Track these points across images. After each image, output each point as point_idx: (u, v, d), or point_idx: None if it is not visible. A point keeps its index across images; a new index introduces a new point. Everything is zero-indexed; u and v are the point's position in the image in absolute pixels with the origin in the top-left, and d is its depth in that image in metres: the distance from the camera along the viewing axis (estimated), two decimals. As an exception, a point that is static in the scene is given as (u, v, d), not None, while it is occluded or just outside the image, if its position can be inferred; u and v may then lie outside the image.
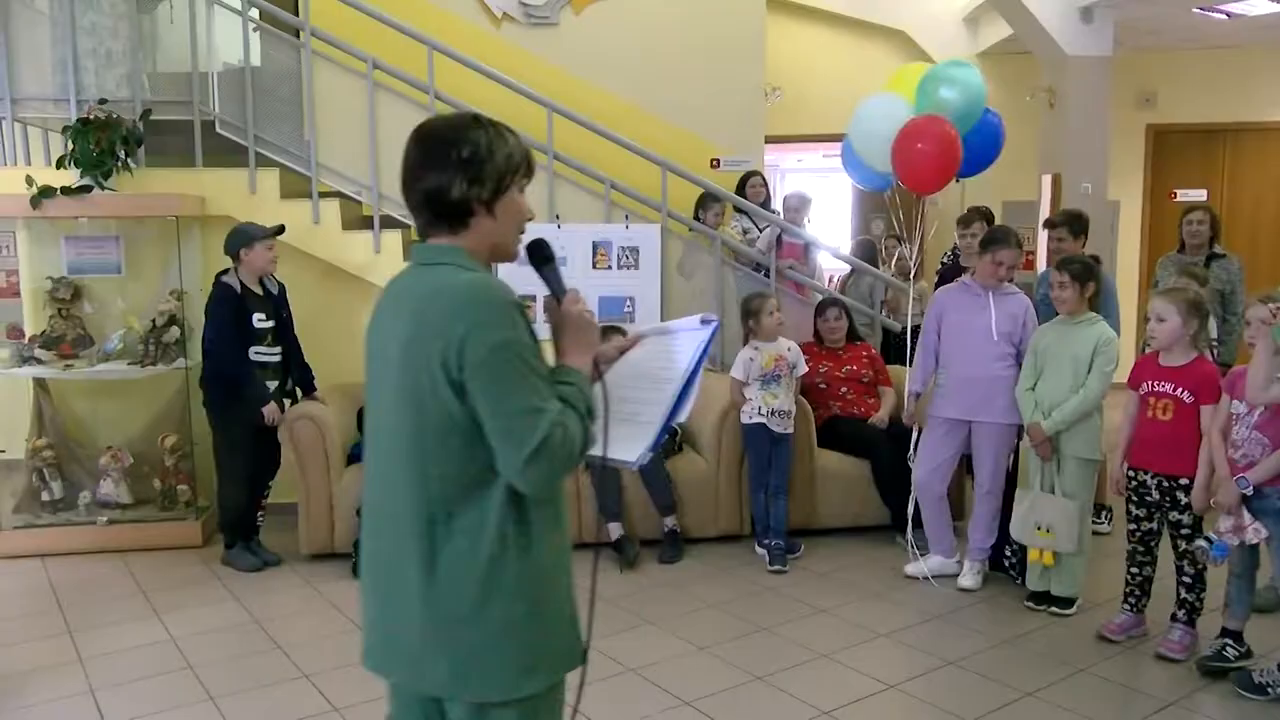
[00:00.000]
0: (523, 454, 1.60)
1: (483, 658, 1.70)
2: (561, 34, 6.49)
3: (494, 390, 1.62)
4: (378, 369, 1.77)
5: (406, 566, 1.70)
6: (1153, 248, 8.98)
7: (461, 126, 1.73)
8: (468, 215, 1.73)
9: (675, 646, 3.79)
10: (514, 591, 1.69)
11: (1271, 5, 7.47)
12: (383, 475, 1.76)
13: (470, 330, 1.62)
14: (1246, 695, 3.32)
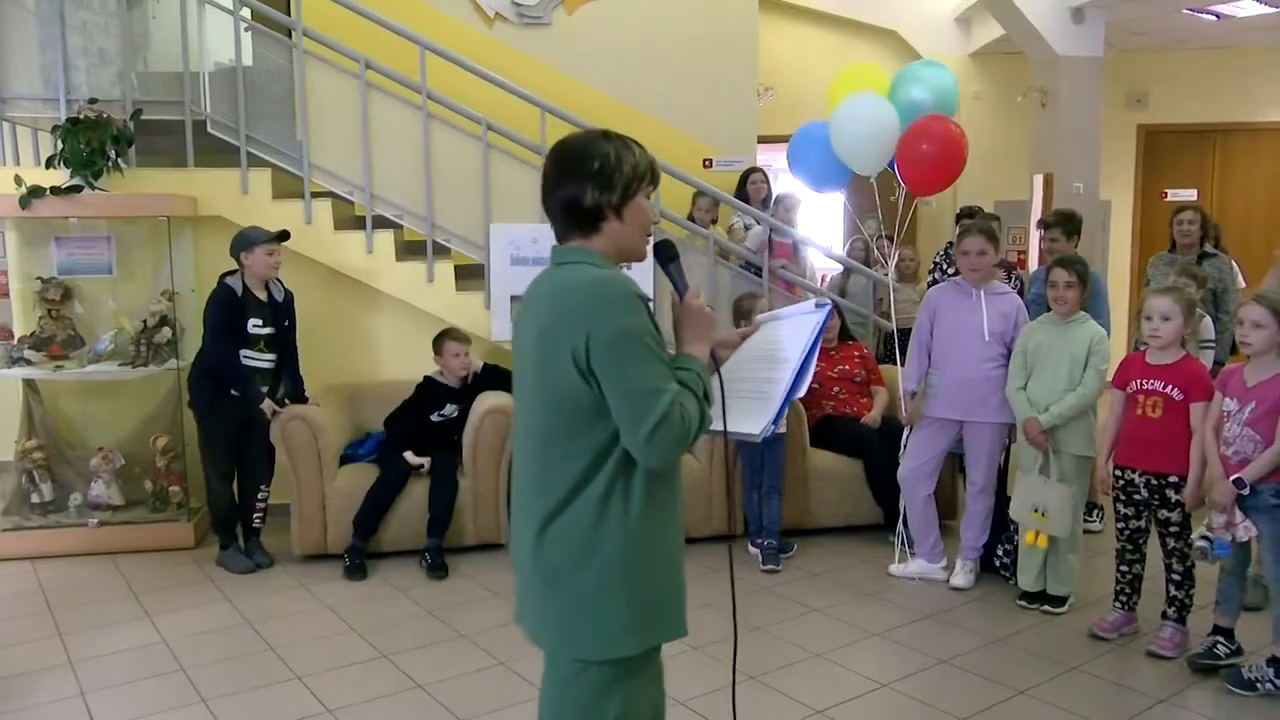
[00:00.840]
0: (644, 430, 1.78)
1: (583, 616, 1.88)
2: (554, 34, 6.50)
3: (619, 373, 1.80)
4: (519, 358, 1.98)
5: (528, 530, 1.91)
6: (1144, 247, 9.02)
7: (592, 141, 1.93)
8: (599, 220, 1.92)
9: (668, 647, 3.76)
10: (614, 555, 1.86)
11: (1260, 7, 7.50)
12: (520, 455, 1.97)
13: (597, 319, 1.80)
14: (1237, 692, 3.33)
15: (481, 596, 4.31)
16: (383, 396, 5.10)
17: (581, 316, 1.81)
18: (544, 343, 1.86)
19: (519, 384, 1.99)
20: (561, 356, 1.82)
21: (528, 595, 1.97)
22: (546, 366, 1.86)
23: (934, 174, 4.60)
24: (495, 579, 4.49)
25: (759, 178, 6.54)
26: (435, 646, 3.80)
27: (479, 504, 4.78)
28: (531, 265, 5.34)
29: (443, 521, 4.63)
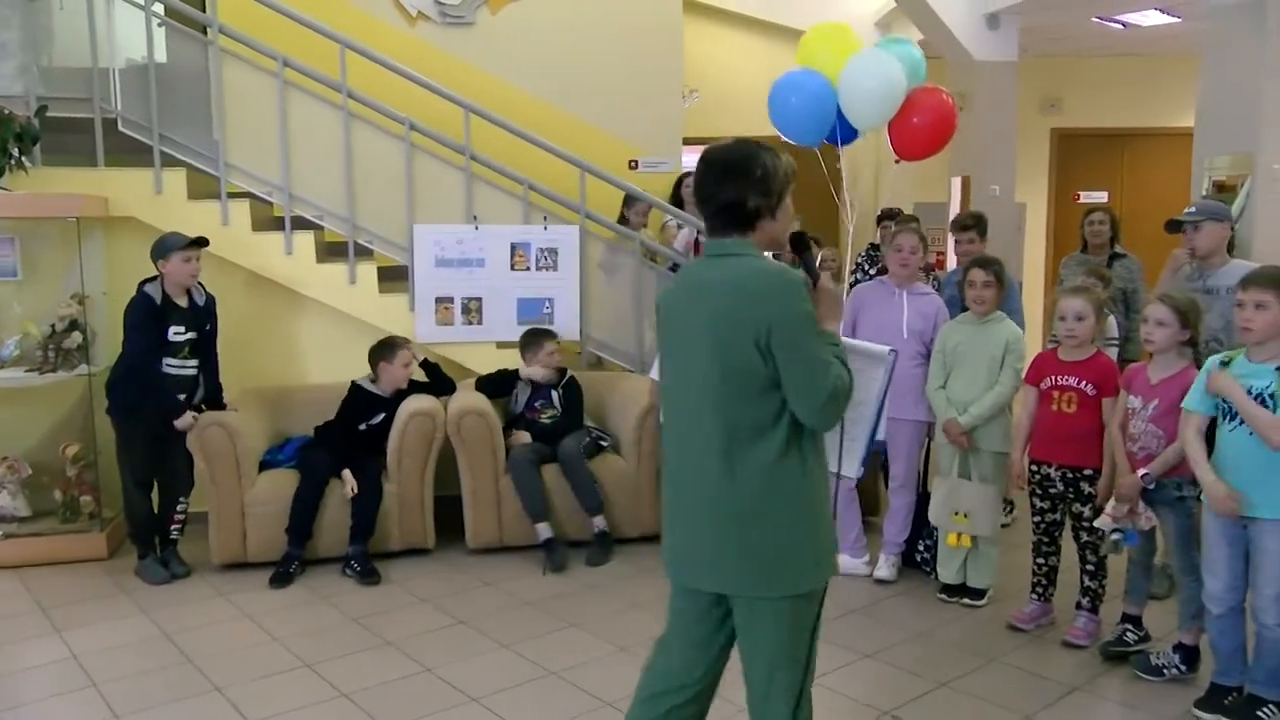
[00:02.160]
0: (820, 398, 2.11)
1: (772, 556, 2.17)
2: (478, 33, 6.44)
3: (796, 350, 2.10)
4: (679, 337, 2.25)
5: (711, 484, 2.17)
6: (1057, 247, 9.28)
7: (749, 153, 2.22)
8: (757, 220, 2.21)
9: (600, 648, 3.79)
10: (796, 500, 2.17)
11: (1163, 17, 7.78)
12: (690, 417, 2.21)
13: (779, 305, 2.10)
14: (1144, 677, 3.45)
15: (408, 602, 4.26)
16: (304, 401, 5.01)
17: (765, 302, 2.10)
18: (724, 323, 2.13)
19: (679, 358, 2.26)
20: (744, 336, 2.10)
21: (714, 548, 2.20)
22: (727, 344, 2.12)
23: (926, 142, 4.78)
24: (423, 584, 4.44)
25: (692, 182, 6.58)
26: (361, 654, 3.74)
27: (404, 509, 4.71)
28: (456, 267, 5.30)
29: (367, 528, 4.56)
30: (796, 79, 4.92)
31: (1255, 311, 3.05)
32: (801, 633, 2.24)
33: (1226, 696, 3.20)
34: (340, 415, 4.78)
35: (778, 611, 2.21)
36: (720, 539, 2.19)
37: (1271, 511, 3.03)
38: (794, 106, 4.89)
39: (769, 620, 2.22)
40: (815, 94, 4.82)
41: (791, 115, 4.92)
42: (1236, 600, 3.18)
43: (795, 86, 4.89)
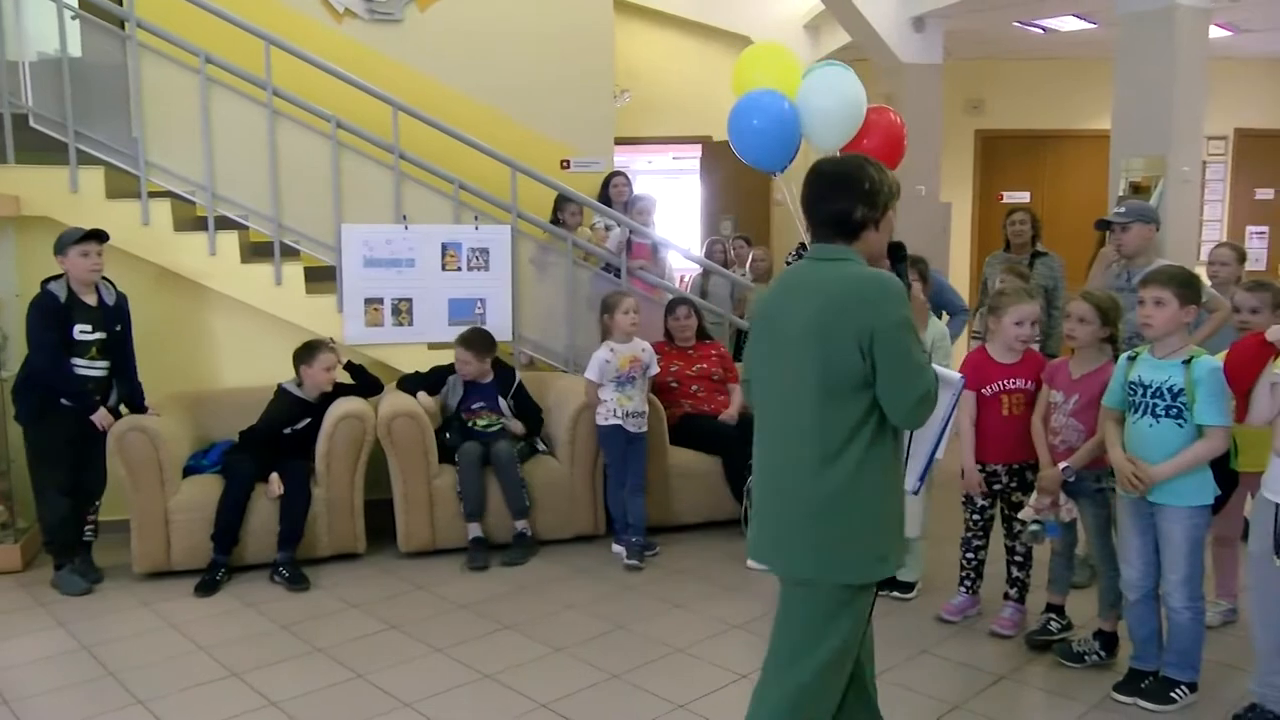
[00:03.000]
0: (914, 398, 2.25)
1: (854, 545, 2.30)
2: (406, 31, 6.37)
3: (898, 353, 2.23)
4: (780, 336, 2.36)
5: (802, 476, 2.29)
6: (982, 246, 9.49)
7: (859, 166, 2.36)
8: (862, 230, 2.34)
9: (533, 650, 3.77)
10: (876, 495, 2.31)
11: (1080, 23, 8.01)
12: (787, 410, 2.34)
13: (882, 309, 2.23)
14: (1067, 664, 3.54)
15: (339, 608, 4.19)
16: (229, 404, 4.91)
17: (870, 306, 2.23)
18: (829, 324, 2.25)
19: (777, 355, 2.37)
20: (847, 336, 2.22)
21: (792, 532, 2.34)
22: (831, 343, 2.24)
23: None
24: (354, 590, 4.37)
25: (621, 181, 6.60)
26: (290, 662, 3.67)
27: (334, 513, 4.64)
28: (386, 267, 5.24)
29: (295, 534, 4.48)
30: (760, 101, 4.47)
31: (1155, 308, 3.16)
32: (850, 624, 2.36)
33: (1143, 680, 3.30)
34: (266, 420, 4.69)
35: (827, 599, 2.33)
36: (805, 528, 2.31)
37: (1176, 499, 3.15)
38: (757, 130, 4.47)
39: (813, 607, 2.35)
40: (779, 118, 4.43)
41: (754, 139, 4.51)
42: (1150, 587, 3.28)
43: (758, 109, 4.46)
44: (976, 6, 7.46)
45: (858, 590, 2.34)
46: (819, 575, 2.32)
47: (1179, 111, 6.17)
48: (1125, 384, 3.25)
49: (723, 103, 10.54)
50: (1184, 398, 3.12)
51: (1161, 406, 3.16)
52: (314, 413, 4.72)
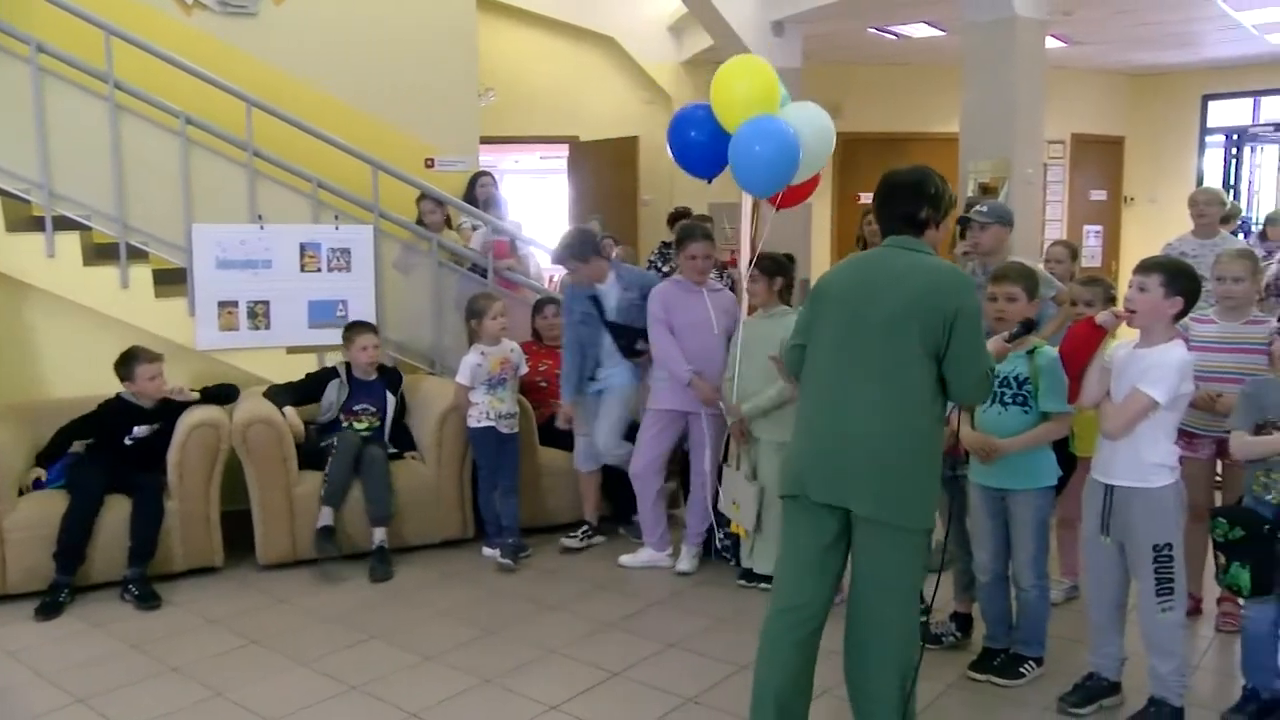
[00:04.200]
0: (979, 375, 2.66)
1: (915, 493, 2.63)
2: (261, 24, 6.14)
3: (973, 336, 2.63)
4: (854, 308, 2.70)
5: (874, 431, 2.62)
6: (841, 246, 9.79)
7: (926, 175, 2.77)
8: (926, 227, 2.75)
9: (402, 659, 3.70)
10: (934, 455, 2.70)
11: (930, 30, 8.35)
12: (862, 377, 2.66)
13: (966, 297, 2.63)
14: (926, 646, 3.67)
15: (196, 625, 4.01)
16: (70, 415, 4.61)
17: (955, 293, 2.61)
18: (920, 304, 2.59)
19: (860, 324, 2.67)
20: (936, 317, 2.58)
21: (855, 468, 2.63)
22: (919, 321, 2.58)
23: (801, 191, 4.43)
24: (212, 605, 4.19)
25: (487, 180, 6.54)
26: (144, 683, 3.50)
27: (189, 526, 4.43)
28: (241, 269, 5.05)
29: (146, 549, 4.26)
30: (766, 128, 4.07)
31: (1007, 304, 3.33)
32: (920, 563, 2.70)
33: (995, 658, 3.48)
34: (89, 421, 4.46)
35: (901, 543, 2.64)
36: (880, 474, 2.61)
37: (1023, 483, 3.34)
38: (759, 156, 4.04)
39: (890, 551, 2.65)
40: (784, 145, 4.05)
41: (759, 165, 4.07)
42: (1000, 569, 3.46)
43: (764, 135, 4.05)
44: (832, 12, 7.69)
45: (924, 534, 2.68)
46: (899, 520, 2.62)
47: (1020, 116, 6.51)
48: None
49: (589, 103, 10.63)
50: (1029, 386, 3.30)
51: (1009, 395, 3.33)
52: (153, 419, 4.50)
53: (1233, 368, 3.55)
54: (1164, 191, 11.30)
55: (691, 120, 4.24)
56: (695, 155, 4.26)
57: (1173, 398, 2.97)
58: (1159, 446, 3.02)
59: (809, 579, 2.75)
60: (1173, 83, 11.08)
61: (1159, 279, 3.00)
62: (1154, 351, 3.02)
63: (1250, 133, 10.99)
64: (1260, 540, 2.89)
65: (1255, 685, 2.97)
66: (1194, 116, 11.09)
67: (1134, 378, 3.00)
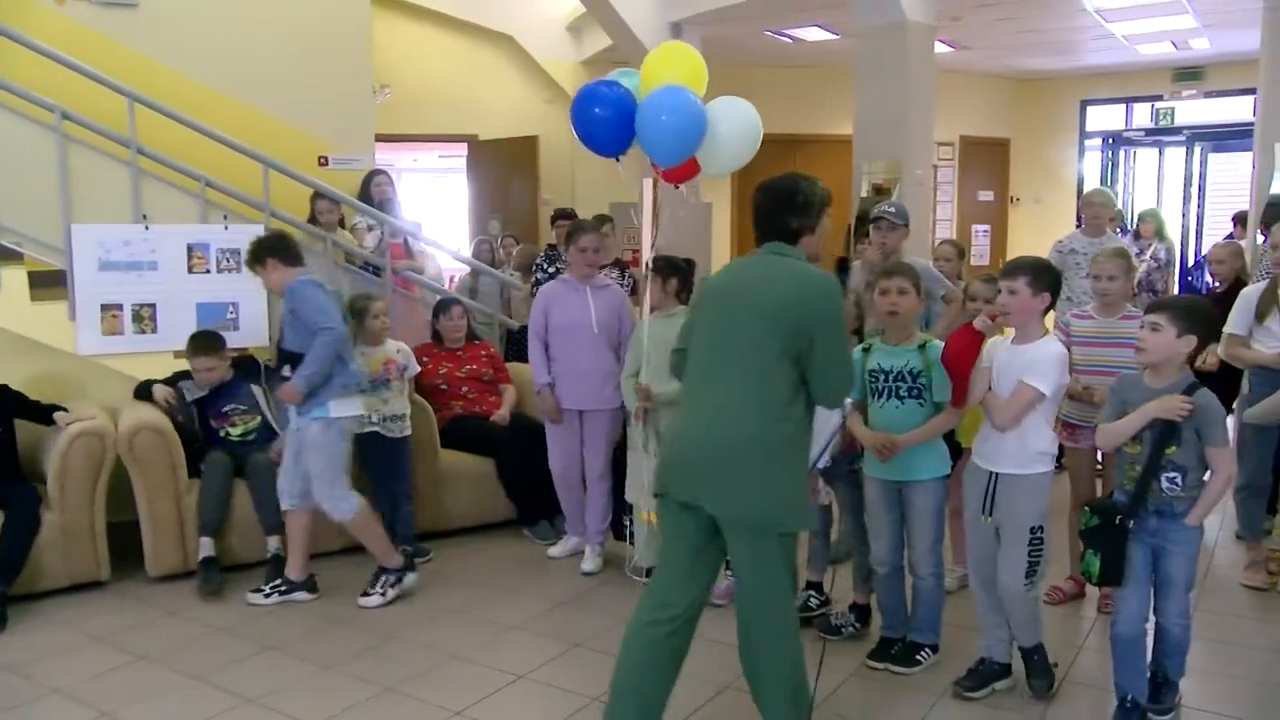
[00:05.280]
0: (841, 379, 2.74)
1: (771, 494, 2.65)
2: (142, 16, 5.91)
3: (835, 342, 2.69)
4: (729, 312, 2.75)
5: (732, 431, 2.66)
6: (742, 245, 9.93)
7: (795, 186, 2.81)
8: (800, 236, 2.81)
9: (300, 669, 3.60)
10: (797, 455, 2.73)
11: (823, 33, 8.52)
12: (726, 378, 2.72)
13: (830, 303, 2.71)
14: (826, 637, 3.75)
15: (80, 643, 3.83)
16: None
17: (819, 300, 2.69)
18: (785, 308, 2.66)
19: (728, 327, 2.74)
20: (798, 320, 2.64)
21: (725, 474, 2.65)
22: (783, 324, 2.64)
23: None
24: (97, 621, 4.01)
25: (382, 180, 6.42)
26: (17, 711, 3.32)
27: (71, 539, 4.23)
28: (125, 270, 4.86)
29: (13, 564, 4.03)
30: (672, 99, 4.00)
31: (900, 297, 3.42)
32: (788, 569, 2.73)
33: (892, 647, 3.57)
34: None
35: (775, 545, 2.67)
36: (735, 474, 2.64)
37: (918, 474, 3.43)
38: (665, 126, 3.96)
39: (758, 555, 2.68)
40: (694, 116, 4.01)
41: (663, 133, 3.98)
42: (897, 561, 3.55)
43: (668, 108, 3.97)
44: (729, 15, 7.79)
45: (787, 537, 2.70)
46: (765, 522, 2.66)
47: (911, 119, 6.70)
48: (865, 374, 3.50)
49: (488, 101, 10.55)
50: (923, 378, 3.39)
51: (904, 389, 3.42)
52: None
53: (1110, 361, 3.71)
54: (1048, 192, 11.79)
55: (596, 96, 4.20)
56: (600, 131, 4.20)
57: (1055, 389, 3.12)
58: (1042, 435, 3.18)
59: (677, 588, 2.79)
60: (1054, 88, 11.55)
61: (1025, 280, 3.16)
62: (1033, 348, 3.17)
63: (1124, 137, 11.54)
64: (1111, 530, 2.98)
65: (1133, 695, 3.02)
66: (1074, 121, 11.59)
67: (1017, 373, 3.14)
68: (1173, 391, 2.92)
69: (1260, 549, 4.29)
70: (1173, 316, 2.93)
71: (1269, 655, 3.64)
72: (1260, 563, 4.26)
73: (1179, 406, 2.88)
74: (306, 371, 3.95)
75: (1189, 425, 2.89)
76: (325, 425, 4.04)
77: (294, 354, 4.05)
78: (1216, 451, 2.92)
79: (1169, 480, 2.93)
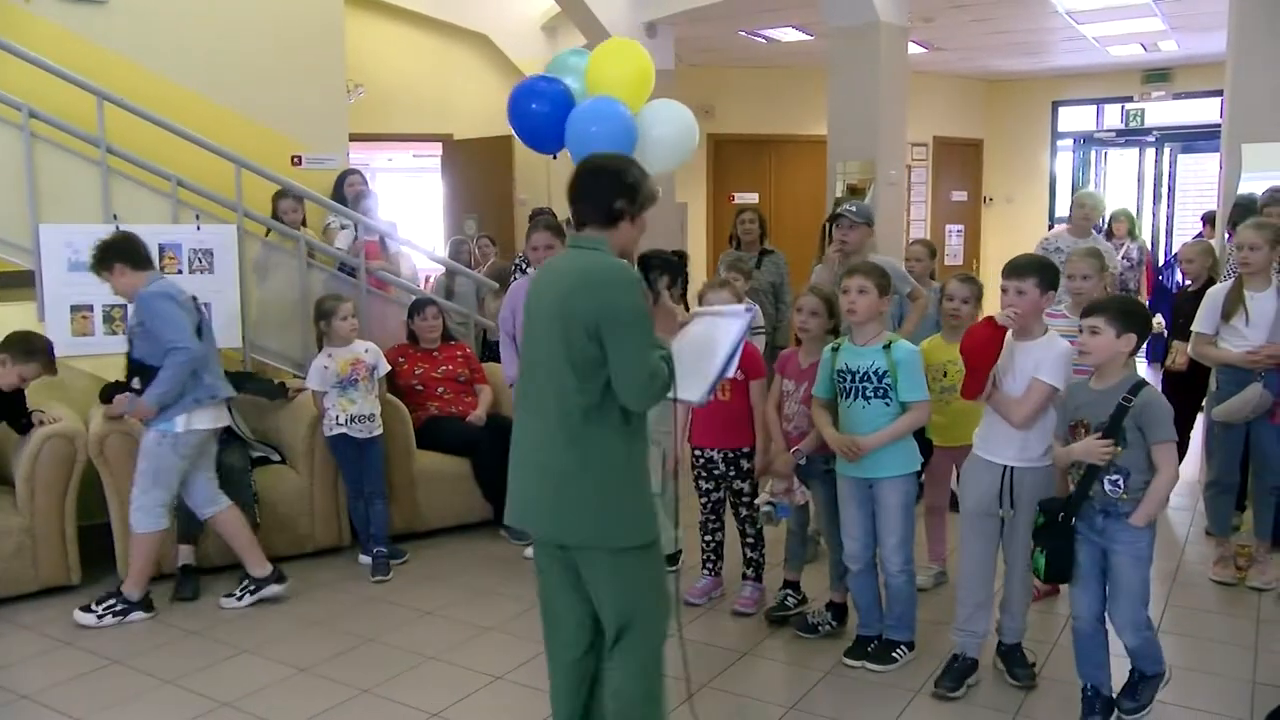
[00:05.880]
0: (639, 383, 2.40)
1: (600, 511, 2.44)
2: (112, 13, 5.83)
3: (625, 338, 2.38)
4: (534, 321, 2.55)
5: (556, 449, 2.45)
6: (716, 244, 9.95)
7: (625, 163, 2.59)
8: (619, 220, 2.52)
9: (276, 671, 3.58)
10: (620, 466, 2.47)
11: (799, 34, 8.55)
12: (539, 393, 2.50)
13: (611, 294, 2.40)
14: (803, 635, 3.78)
15: (50, 647, 3.79)
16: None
17: (601, 291, 2.39)
18: (567, 309, 2.40)
19: (532, 339, 2.57)
20: (581, 321, 2.37)
21: (548, 497, 2.48)
22: (569, 327, 2.39)
23: None
24: (68, 626, 3.95)
25: (356, 179, 6.38)
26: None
27: (41, 543, 4.17)
28: (95, 271, 4.78)
29: None
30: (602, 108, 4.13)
31: (859, 296, 3.44)
32: (641, 587, 2.52)
33: (869, 644, 3.58)
34: None
35: (615, 564, 2.47)
36: (561, 497, 2.46)
37: (886, 471, 3.46)
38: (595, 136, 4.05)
39: (608, 572, 2.48)
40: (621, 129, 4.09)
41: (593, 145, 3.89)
42: (870, 558, 3.57)
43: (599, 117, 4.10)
44: (703, 15, 7.80)
45: (628, 552, 2.47)
46: (591, 541, 2.47)
47: (885, 119, 6.73)
48: (833, 374, 3.51)
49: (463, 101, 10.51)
50: (889, 378, 3.41)
51: (870, 389, 3.44)
52: None
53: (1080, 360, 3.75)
54: (1020, 192, 11.88)
55: (533, 92, 4.19)
56: (536, 129, 4.19)
57: (1065, 385, 3.16)
58: (1047, 429, 3.21)
59: (557, 635, 2.64)
60: (1026, 89, 11.65)
61: (1035, 280, 3.19)
62: (1039, 345, 3.21)
63: (1095, 138, 11.66)
64: (1055, 528, 3.01)
65: (1093, 684, 3.08)
66: (1045, 121, 11.70)
67: (1027, 370, 3.18)
68: (1118, 392, 2.91)
69: (1229, 544, 4.34)
70: (1110, 318, 2.93)
71: (1237, 650, 3.69)
72: (1229, 558, 4.32)
73: (1100, 452, 2.90)
74: (158, 390, 3.85)
75: (1132, 423, 2.88)
76: (162, 436, 3.93)
77: (144, 365, 3.94)
78: (1160, 448, 2.87)
79: (1111, 483, 2.91)
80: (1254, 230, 4.06)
